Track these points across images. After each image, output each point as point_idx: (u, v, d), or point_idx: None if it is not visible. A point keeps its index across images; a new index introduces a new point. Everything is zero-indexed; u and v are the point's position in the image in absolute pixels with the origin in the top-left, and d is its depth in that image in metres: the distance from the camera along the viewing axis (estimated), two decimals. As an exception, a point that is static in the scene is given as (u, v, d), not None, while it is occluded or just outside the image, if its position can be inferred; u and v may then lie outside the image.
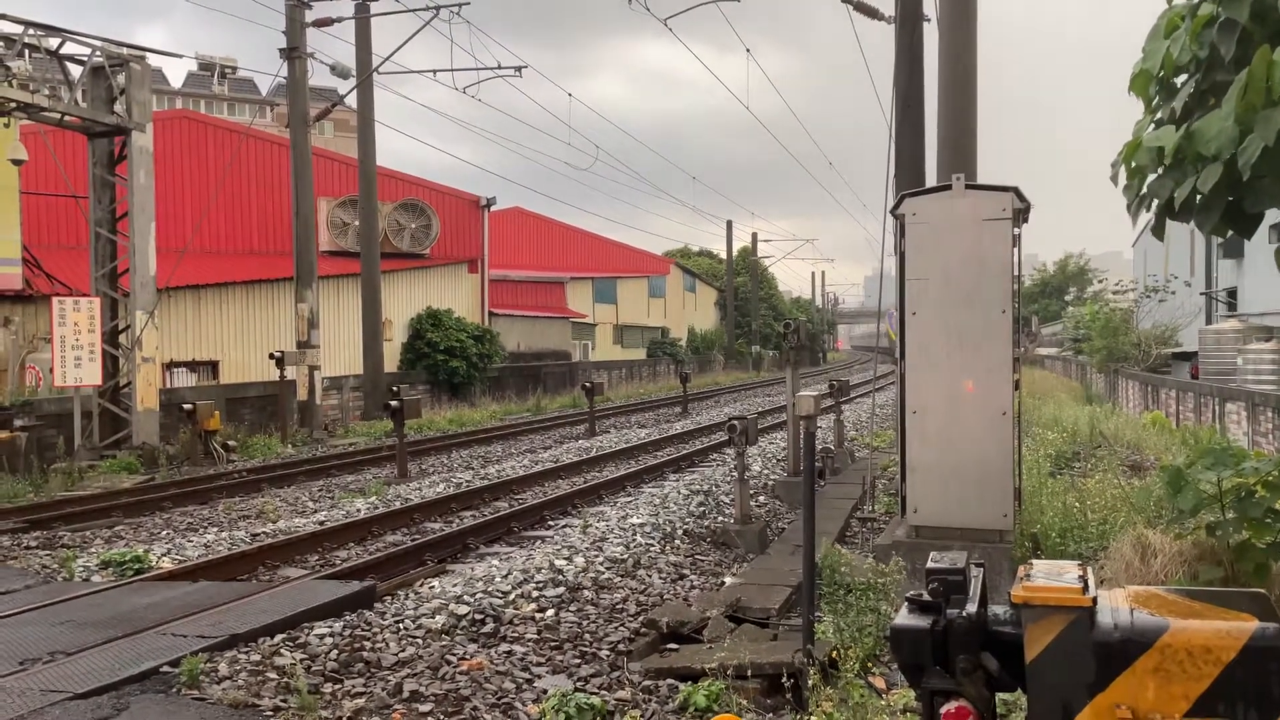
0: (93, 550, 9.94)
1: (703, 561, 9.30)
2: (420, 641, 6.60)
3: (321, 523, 11.12)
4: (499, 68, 24.18)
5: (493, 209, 35.14)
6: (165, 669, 5.80)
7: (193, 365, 23.48)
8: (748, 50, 23.65)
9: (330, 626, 6.76)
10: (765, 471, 14.47)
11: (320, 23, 22.38)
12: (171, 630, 6.62)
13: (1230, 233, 4.23)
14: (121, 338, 17.51)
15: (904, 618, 2.75)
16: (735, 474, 10.32)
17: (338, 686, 5.78)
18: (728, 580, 8.36)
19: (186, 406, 16.86)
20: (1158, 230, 4.44)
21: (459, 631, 6.86)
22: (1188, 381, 20.59)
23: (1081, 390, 29.33)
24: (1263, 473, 5.87)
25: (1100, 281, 52.54)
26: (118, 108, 17.00)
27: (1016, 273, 7.62)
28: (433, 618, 7.03)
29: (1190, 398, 18.81)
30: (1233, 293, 26.29)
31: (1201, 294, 28.27)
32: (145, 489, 13.92)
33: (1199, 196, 3.93)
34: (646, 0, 18.23)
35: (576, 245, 53.54)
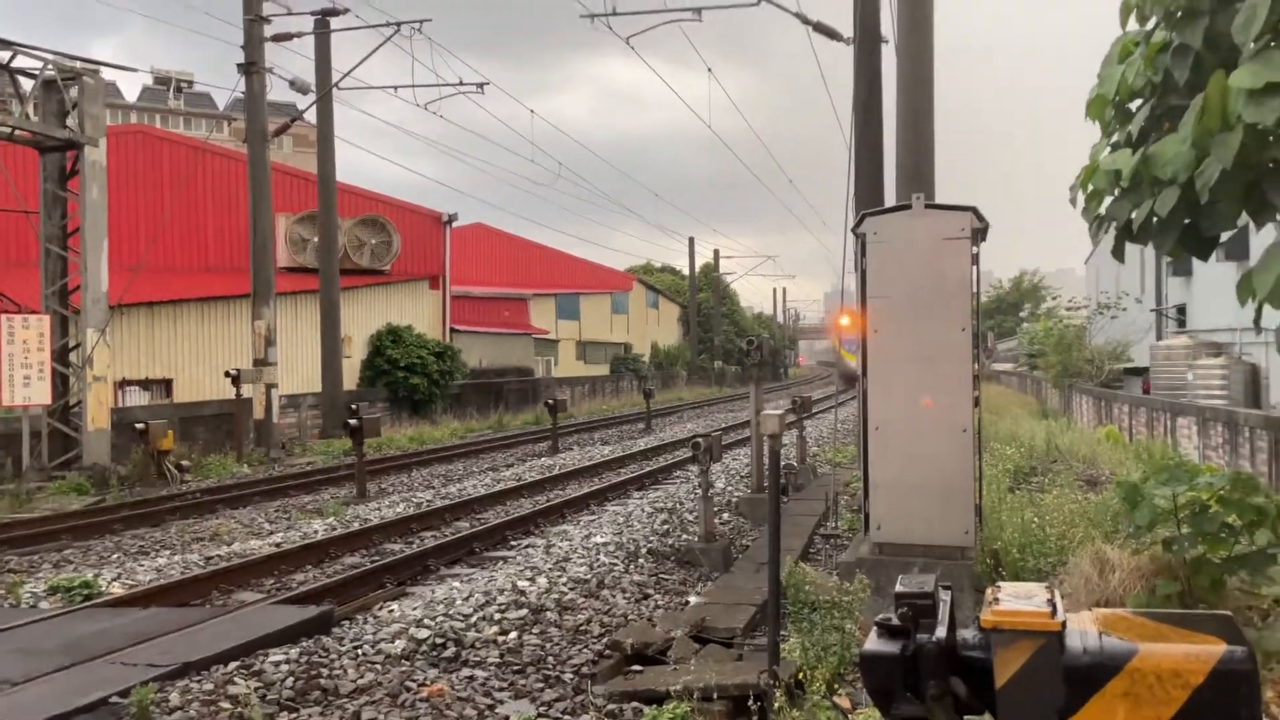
0: (40, 575, 9.67)
1: (667, 580, 9.25)
2: (379, 667, 6.47)
3: (278, 545, 10.91)
4: (461, 84, 24.14)
5: (454, 225, 34.97)
6: (114, 699, 5.63)
7: (145, 384, 23.03)
8: (709, 69, 23.80)
9: (286, 653, 6.61)
10: (729, 488, 14.47)
11: (279, 38, 22.18)
12: (121, 659, 6.44)
13: (1186, 254, 4.30)
14: (72, 356, 17.13)
15: (873, 643, 2.73)
16: (699, 491, 10.30)
17: (293, 716, 5.65)
18: (692, 599, 8.32)
19: (139, 426, 16.51)
20: (1117, 251, 4.50)
21: (419, 656, 6.75)
22: (1140, 397, 20.96)
23: (1037, 405, 29.75)
24: (1216, 488, 5.96)
25: (1054, 298, 53.46)
26: (70, 122, 16.69)
27: (975, 290, 7.69)
28: (392, 642, 6.90)
29: (1143, 413, 19.14)
30: (1182, 309, 26.84)
31: (1152, 310, 28.83)
32: (95, 511, 13.58)
33: (1156, 219, 3.98)
34: (609, 19, 18.30)
35: (539, 261, 53.45)
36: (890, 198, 12.88)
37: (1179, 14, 3.91)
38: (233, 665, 6.33)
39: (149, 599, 8.40)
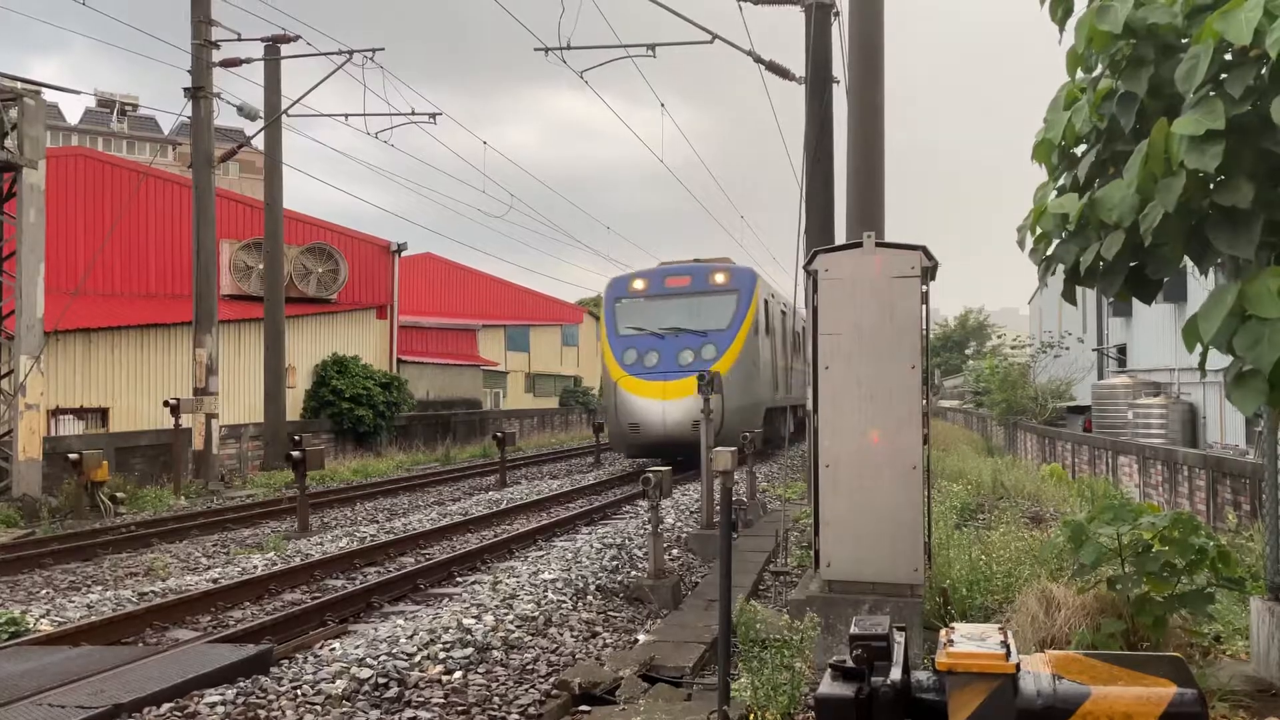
0: (-38, 612, 9.26)
1: (616, 618, 9.14)
2: (319, 708, 6.28)
3: (215, 580, 10.61)
4: (413, 113, 24.05)
5: (404, 254, 34.69)
6: (37, 744, 5.39)
7: (80, 412, 22.37)
8: (662, 105, 24.02)
9: (222, 694, 6.40)
10: (678, 524, 14.39)
11: (228, 63, 21.94)
12: (48, 700, 6.17)
13: (1131, 296, 4.38)
14: (3, 383, 16.59)
15: (828, 686, 2.70)
16: (649, 527, 10.22)
17: (229, 760, 5.44)
18: (641, 638, 8.22)
19: (72, 456, 16.00)
20: (1068, 294, 4.58)
21: (361, 697, 6.56)
22: (1083, 435, 21.37)
23: (983, 442, 30.19)
24: (1158, 528, 6.06)
25: (999, 337, 54.44)
26: (8, 143, 16.29)
27: (925, 329, 7.78)
28: (333, 682, 6.71)
29: (1085, 450, 19.51)
30: (1122, 349, 27.51)
31: (1093, 350, 29.52)
32: (24, 544, 13.10)
33: (1102, 263, 4.05)
34: (563, 52, 18.40)
35: (489, 292, 53.19)
36: (841, 235, 13.06)
37: (1124, 63, 4.01)
38: (166, 706, 6.11)
39: (79, 637, 8.09)
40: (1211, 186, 3.71)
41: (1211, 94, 3.66)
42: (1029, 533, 10.18)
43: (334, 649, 7.60)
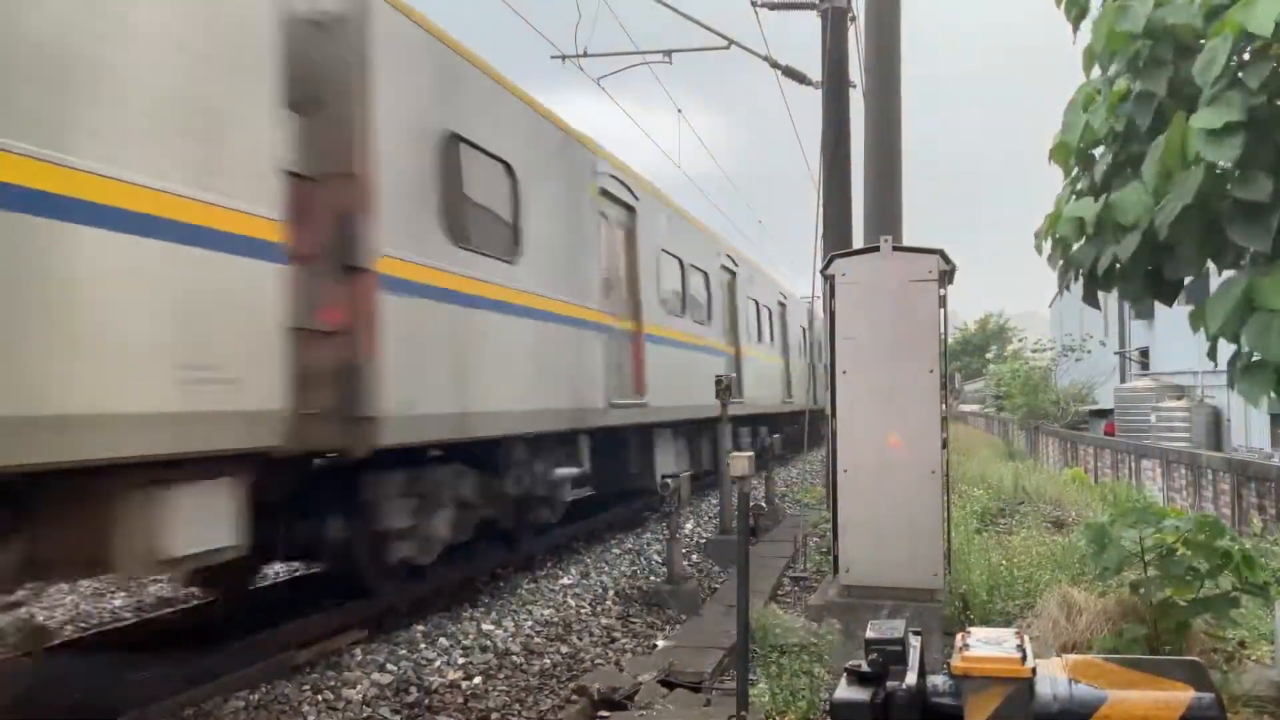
0: None
1: (634, 623, 9.14)
2: (339, 713, 6.31)
3: (238, 586, 10.66)
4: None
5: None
6: (62, 749, 5.45)
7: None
8: (679, 110, 24.01)
9: (245, 699, 6.44)
10: (697, 529, 14.38)
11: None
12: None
13: (1150, 299, 4.35)
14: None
15: (844, 690, 2.70)
16: (667, 532, 10.21)
17: (250, 764, 5.48)
18: (660, 643, 8.21)
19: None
20: (1089, 298, 4.55)
21: (381, 702, 6.60)
22: (1105, 438, 21.21)
23: (1004, 446, 30.00)
24: (1182, 531, 5.99)
25: (1020, 340, 54.03)
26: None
27: (943, 332, 7.75)
28: (353, 687, 6.75)
29: (1108, 454, 19.36)
30: (1145, 352, 27.29)
31: (1116, 353, 29.28)
32: (49, 551, 13.23)
33: (1119, 265, 4.03)
34: (579, 60, 18.48)
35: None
36: (858, 239, 13.04)
37: (1143, 63, 3.98)
38: (189, 711, 6.16)
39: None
40: (1229, 181, 3.69)
41: (1228, 90, 3.63)
42: (1050, 537, 10.12)
43: (355, 654, 7.64)
